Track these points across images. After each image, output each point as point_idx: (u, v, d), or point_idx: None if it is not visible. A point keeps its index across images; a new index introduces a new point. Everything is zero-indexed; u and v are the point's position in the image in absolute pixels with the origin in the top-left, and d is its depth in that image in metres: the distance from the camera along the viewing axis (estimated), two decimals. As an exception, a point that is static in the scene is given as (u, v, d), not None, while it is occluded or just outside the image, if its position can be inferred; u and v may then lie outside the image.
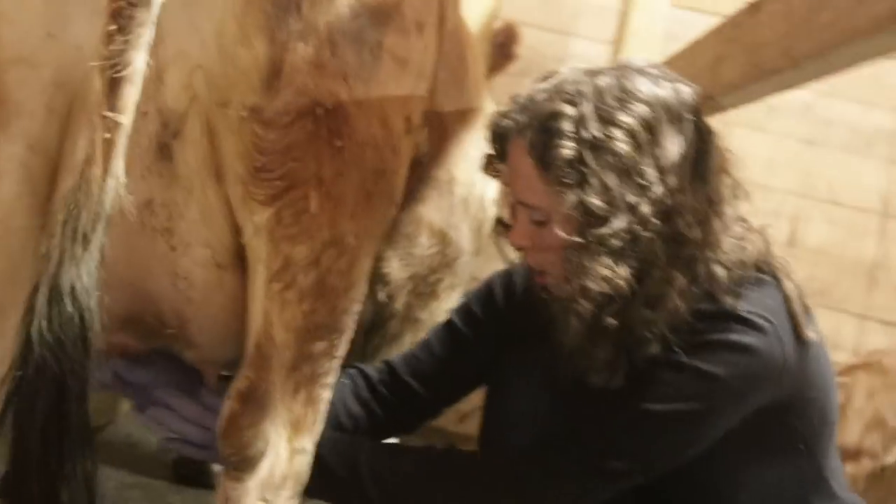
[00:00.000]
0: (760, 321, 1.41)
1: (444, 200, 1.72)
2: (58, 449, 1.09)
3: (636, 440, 1.42)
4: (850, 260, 3.57)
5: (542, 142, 1.40)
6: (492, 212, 1.94)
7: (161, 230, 1.27)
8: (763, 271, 1.47)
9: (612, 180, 1.36)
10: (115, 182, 1.07)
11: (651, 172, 1.37)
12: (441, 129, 1.64)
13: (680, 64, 2.12)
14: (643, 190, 1.37)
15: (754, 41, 1.72)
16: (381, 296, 1.69)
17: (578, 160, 1.37)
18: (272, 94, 1.19)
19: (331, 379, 1.42)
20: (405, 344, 1.81)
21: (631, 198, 1.36)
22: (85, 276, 1.06)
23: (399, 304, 1.75)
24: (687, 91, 1.45)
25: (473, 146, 1.79)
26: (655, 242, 1.38)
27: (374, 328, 1.76)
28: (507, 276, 1.75)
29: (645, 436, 1.42)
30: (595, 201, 1.36)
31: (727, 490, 1.51)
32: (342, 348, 1.41)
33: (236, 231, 1.29)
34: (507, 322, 1.71)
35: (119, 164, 1.08)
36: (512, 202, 1.52)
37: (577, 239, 1.37)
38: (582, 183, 1.37)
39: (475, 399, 1.79)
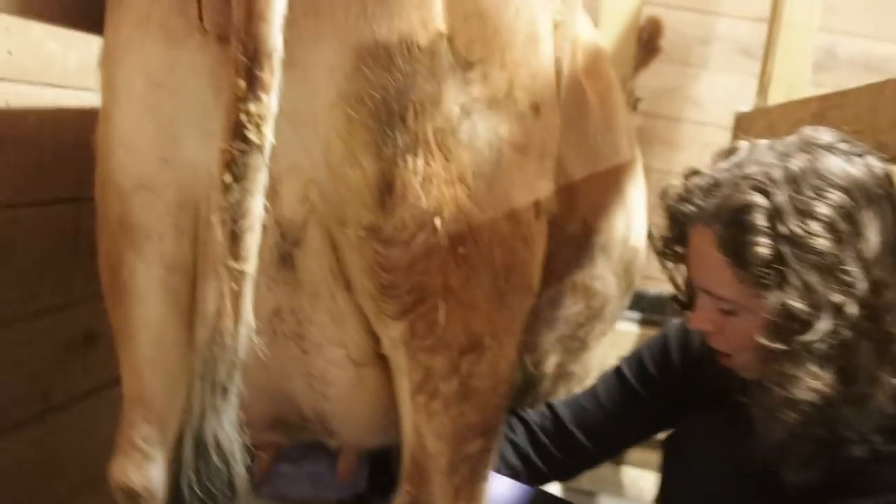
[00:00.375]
0: None
1: (583, 254, 1.64)
2: None
3: None
4: None
5: (734, 237, 1.30)
6: (640, 245, 1.84)
7: (292, 335, 1.27)
8: None
9: (814, 280, 1.25)
10: (247, 329, 1.07)
11: (854, 267, 1.26)
12: (571, 191, 1.56)
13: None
14: (848, 288, 1.26)
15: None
16: (529, 364, 1.64)
17: (777, 259, 1.27)
18: (387, 211, 1.15)
19: (489, 471, 1.38)
20: (559, 397, 1.75)
21: (835, 297, 1.25)
22: (227, 424, 1.08)
23: (548, 367, 1.69)
24: (878, 165, 1.32)
25: (617, 188, 1.70)
26: (862, 344, 1.27)
27: (526, 391, 1.72)
28: (683, 334, 1.67)
29: None
30: (798, 305, 1.26)
31: None
32: (497, 441, 1.37)
33: (372, 331, 1.26)
34: (682, 383, 1.64)
35: (249, 312, 1.07)
36: (693, 286, 1.44)
37: (781, 346, 1.27)
38: (782, 284, 1.27)
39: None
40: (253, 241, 1.07)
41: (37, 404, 1.78)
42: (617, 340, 2.35)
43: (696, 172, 1.43)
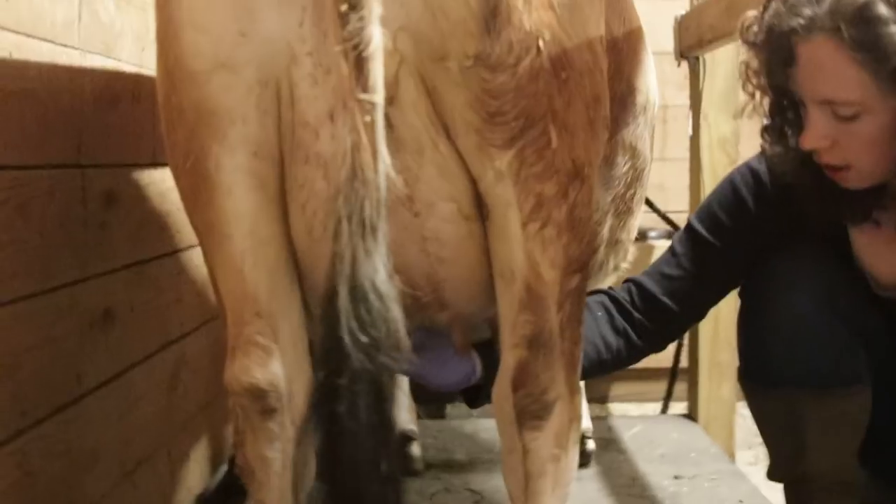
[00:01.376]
0: None
1: (629, 113, 1.67)
2: (384, 449, 1.08)
3: None
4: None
5: (866, 33, 1.34)
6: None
7: (402, 200, 1.23)
8: None
9: None
10: (385, 164, 1.05)
11: None
12: (615, 47, 1.59)
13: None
14: None
15: None
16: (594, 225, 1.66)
17: None
18: (494, 36, 1.15)
19: (584, 314, 1.40)
20: (609, 269, 1.78)
21: None
22: (381, 266, 1.05)
23: (606, 228, 1.71)
24: None
25: (645, 51, 1.74)
26: None
27: (589, 260, 1.73)
28: (750, 173, 1.71)
29: None
30: None
31: None
32: (587, 283, 1.39)
33: (473, 181, 1.26)
34: (759, 223, 1.69)
35: (384, 144, 1.05)
36: (797, 100, 1.48)
37: None
38: None
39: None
40: (379, 70, 1.06)
41: (72, 386, 1.68)
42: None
43: None
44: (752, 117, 1.62)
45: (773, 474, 1.79)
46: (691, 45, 2.85)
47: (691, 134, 2.93)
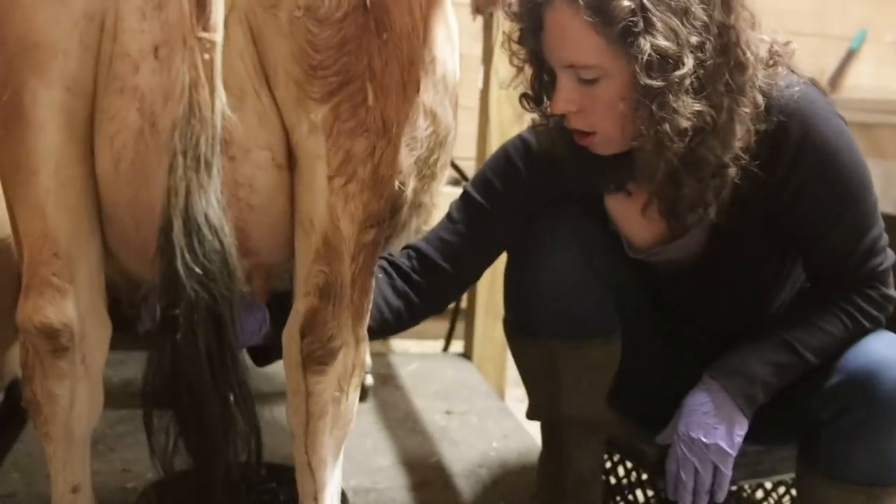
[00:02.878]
0: (798, 86, 1.59)
1: (429, 80, 1.74)
2: (224, 377, 1.13)
3: (871, 209, 1.63)
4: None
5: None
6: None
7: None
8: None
9: (674, 23, 1.44)
10: (221, 102, 1.07)
11: (700, 10, 1.46)
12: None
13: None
14: (700, 29, 1.46)
15: None
16: (396, 184, 1.72)
17: (641, 8, 1.44)
18: None
19: (375, 268, 1.47)
20: (412, 229, 1.84)
21: (694, 37, 1.46)
22: (214, 200, 1.09)
23: (409, 189, 1.78)
24: None
25: (442, 23, 1.80)
26: (721, 74, 1.49)
27: (388, 218, 1.79)
28: (522, 144, 1.81)
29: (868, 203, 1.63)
30: (666, 44, 1.44)
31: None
32: (383, 237, 1.46)
33: (287, 131, 1.29)
34: (529, 189, 1.79)
35: (220, 83, 1.07)
36: (551, 67, 1.58)
37: (659, 83, 1.45)
38: (648, 28, 1.44)
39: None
40: (219, 10, 1.07)
41: None
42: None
43: None
44: (517, 88, 1.72)
45: (531, 415, 1.94)
46: (486, 1, 2.95)
47: (482, 87, 3.04)
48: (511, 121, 3.00)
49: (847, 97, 4.04)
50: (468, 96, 3.49)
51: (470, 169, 3.13)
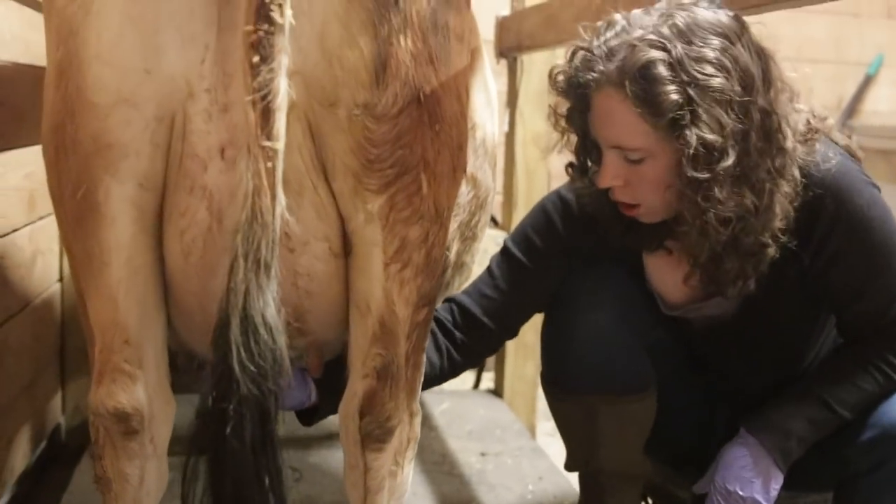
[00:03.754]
0: (832, 158, 1.64)
1: (470, 146, 1.79)
2: (264, 464, 1.18)
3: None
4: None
5: (645, 90, 1.50)
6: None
7: (280, 237, 1.30)
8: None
9: (718, 113, 1.49)
10: (281, 208, 1.12)
11: (745, 99, 1.51)
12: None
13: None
14: (744, 117, 1.51)
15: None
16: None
17: (687, 101, 1.49)
18: (382, 88, 1.24)
19: (428, 342, 1.52)
20: (454, 288, 1.90)
21: (738, 127, 1.50)
22: (271, 301, 1.13)
23: (453, 253, 1.83)
24: (731, 12, 1.57)
25: (482, 88, 1.86)
26: (763, 161, 1.54)
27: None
28: (560, 201, 1.87)
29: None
30: (712, 137, 1.49)
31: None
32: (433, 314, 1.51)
33: (343, 221, 1.34)
34: (567, 246, 1.85)
35: (281, 189, 1.12)
36: (600, 145, 1.64)
37: (704, 175, 1.50)
38: (695, 121, 1.49)
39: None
40: (282, 120, 1.12)
41: None
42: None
43: (580, 48, 1.61)
44: (561, 152, 1.78)
45: (569, 466, 1.99)
46: (510, 47, 3.01)
47: (507, 130, 3.10)
48: (536, 160, 3.06)
49: (866, 123, 4.08)
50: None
51: (496, 204, 3.18)
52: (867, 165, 4.02)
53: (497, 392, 3.21)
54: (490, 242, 3.05)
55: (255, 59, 1.09)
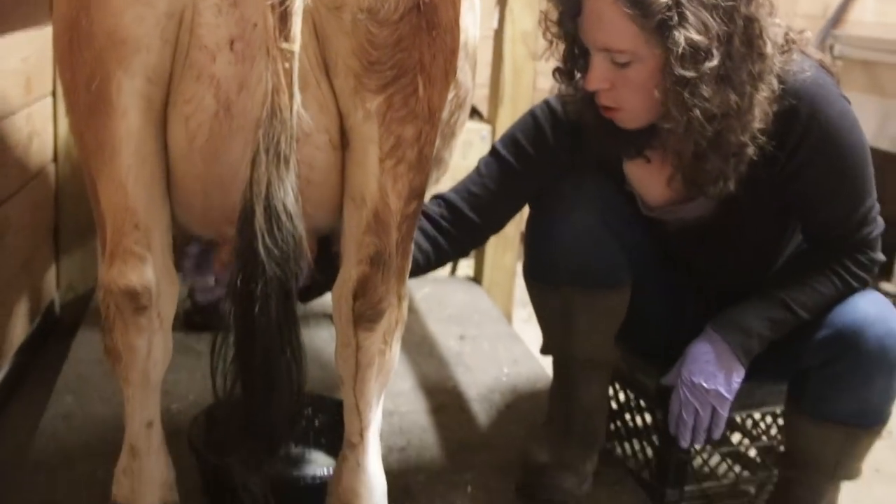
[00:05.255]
0: (809, 71, 1.74)
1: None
2: (287, 338, 1.32)
3: (867, 183, 1.80)
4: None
5: None
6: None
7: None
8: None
9: (706, 17, 1.59)
10: (298, 105, 1.20)
11: (729, 3, 1.60)
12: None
13: None
14: (729, 22, 1.61)
15: None
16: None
17: (675, 3, 1.58)
18: None
19: (417, 234, 1.62)
20: (432, 181, 1.99)
21: (723, 29, 1.60)
22: (291, 192, 1.23)
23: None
24: None
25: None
26: (745, 64, 1.64)
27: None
28: (549, 110, 1.97)
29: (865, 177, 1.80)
30: (699, 37, 1.59)
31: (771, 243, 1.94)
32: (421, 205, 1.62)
33: (342, 116, 1.43)
34: (554, 152, 1.96)
35: (297, 88, 1.20)
36: (588, 48, 1.73)
37: (691, 73, 1.60)
38: (682, 22, 1.58)
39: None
40: (298, 24, 1.20)
41: None
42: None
43: None
44: (548, 60, 1.87)
45: (545, 350, 2.14)
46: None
47: (496, 27, 3.14)
48: (524, 58, 3.11)
49: (849, 34, 4.13)
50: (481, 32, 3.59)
51: (482, 98, 3.26)
52: (847, 76, 4.13)
53: (476, 279, 3.35)
54: (475, 136, 3.16)
55: None
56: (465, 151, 3.04)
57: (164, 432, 1.60)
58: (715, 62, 1.61)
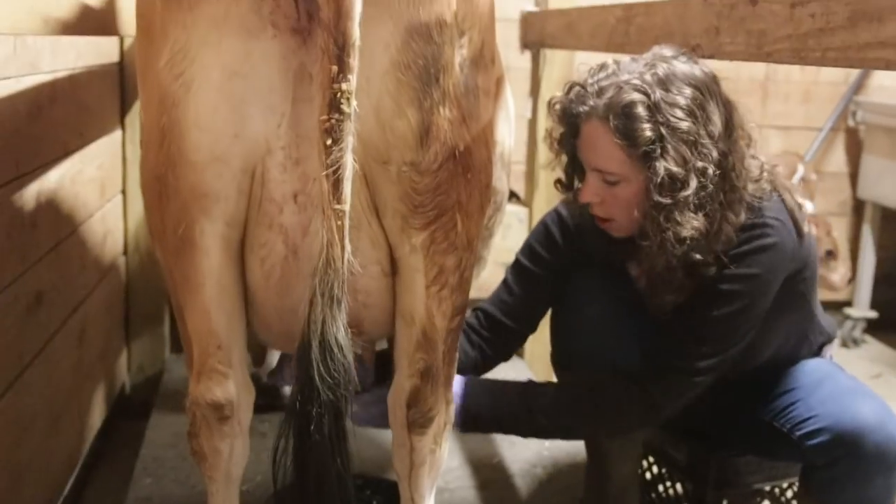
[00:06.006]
0: (774, 222, 1.91)
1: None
2: (338, 449, 1.49)
3: (718, 339, 1.92)
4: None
5: (626, 125, 1.81)
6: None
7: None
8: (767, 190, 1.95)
9: (684, 151, 1.79)
10: (349, 254, 1.41)
11: (707, 141, 1.81)
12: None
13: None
14: (706, 156, 1.81)
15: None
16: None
17: (658, 138, 1.79)
18: (425, 149, 1.52)
19: (463, 342, 1.82)
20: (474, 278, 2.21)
21: (699, 163, 1.80)
22: (342, 329, 1.43)
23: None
24: (707, 68, 1.85)
25: (503, 108, 2.13)
26: (717, 194, 1.84)
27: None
28: (558, 217, 2.20)
29: (723, 334, 1.92)
30: (677, 169, 1.79)
31: (760, 342, 2.04)
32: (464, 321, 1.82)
33: (391, 248, 1.64)
34: (566, 254, 2.18)
35: (348, 241, 1.41)
36: (585, 167, 1.95)
37: (667, 200, 1.80)
38: (663, 155, 1.79)
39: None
40: (349, 188, 1.40)
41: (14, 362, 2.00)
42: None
43: (576, 84, 1.92)
44: (554, 169, 2.10)
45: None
46: (534, 41, 3.24)
47: (530, 116, 3.35)
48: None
49: (871, 100, 4.26)
50: (514, 106, 3.79)
51: (519, 174, 3.49)
52: (870, 141, 4.31)
53: (519, 353, 3.50)
54: (513, 218, 3.35)
55: (328, 141, 1.36)
56: (505, 233, 3.23)
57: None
58: (690, 191, 1.79)
